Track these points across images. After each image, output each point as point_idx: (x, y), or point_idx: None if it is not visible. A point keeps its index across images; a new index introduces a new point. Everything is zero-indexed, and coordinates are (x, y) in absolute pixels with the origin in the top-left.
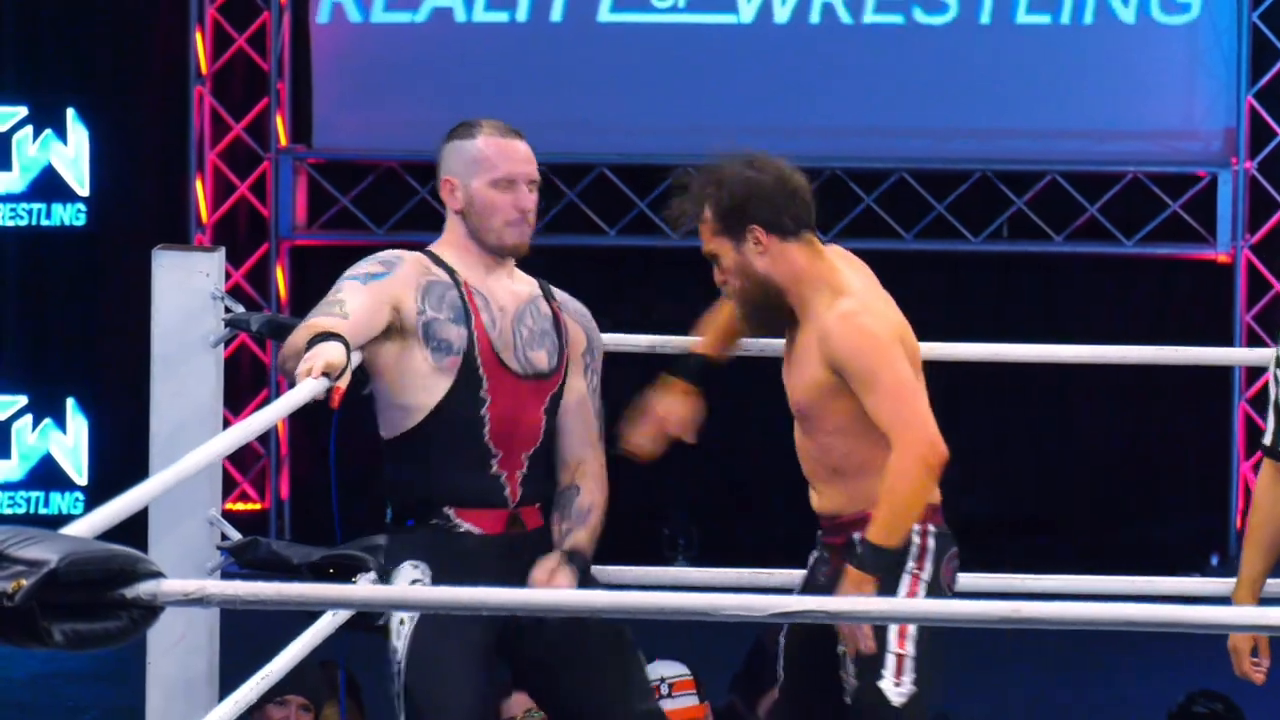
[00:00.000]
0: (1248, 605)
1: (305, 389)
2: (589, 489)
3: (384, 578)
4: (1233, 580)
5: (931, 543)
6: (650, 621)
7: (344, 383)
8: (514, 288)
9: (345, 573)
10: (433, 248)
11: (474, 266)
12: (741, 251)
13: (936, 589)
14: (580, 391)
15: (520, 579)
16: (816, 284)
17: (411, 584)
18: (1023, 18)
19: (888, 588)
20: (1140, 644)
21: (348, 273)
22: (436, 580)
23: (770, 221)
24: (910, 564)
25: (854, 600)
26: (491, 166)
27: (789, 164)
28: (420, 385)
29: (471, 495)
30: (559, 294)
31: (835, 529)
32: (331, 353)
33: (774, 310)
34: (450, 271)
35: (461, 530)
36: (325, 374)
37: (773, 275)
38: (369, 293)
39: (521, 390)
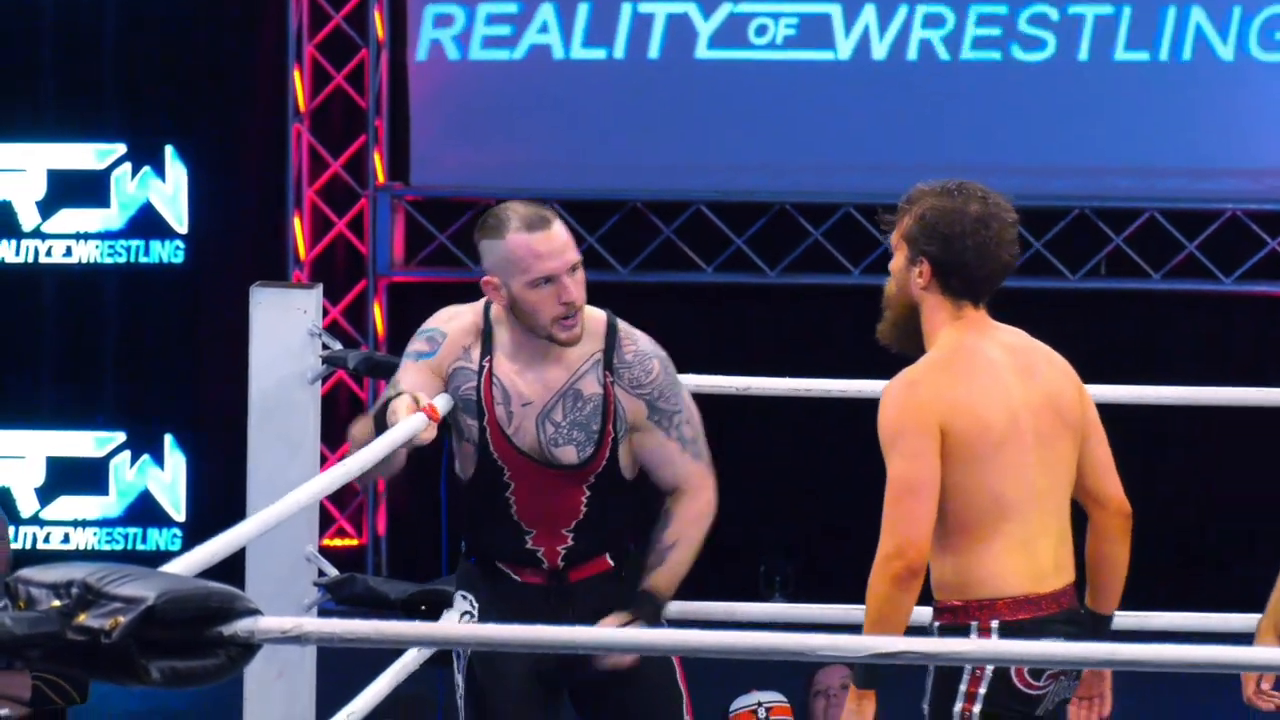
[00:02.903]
0: (1269, 641)
1: (406, 426)
2: (674, 525)
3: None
4: None
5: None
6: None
7: (441, 408)
8: (549, 375)
9: (436, 608)
10: (495, 311)
11: (518, 345)
12: None
13: (1000, 699)
14: (656, 440)
15: (566, 616)
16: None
17: (462, 614)
18: (1121, 54)
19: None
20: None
21: (406, 349)
22: (484, 610)
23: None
24: (964, 678)
25: (948, 641)
26: (526, 268)
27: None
28: (463, 453)
29: (510, 556)
30: (625, 350)
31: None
32: (409, 394)
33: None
34: (488, 350)
35: (506, 573)
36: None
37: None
38: (420, 370)
39: (549, 476)
